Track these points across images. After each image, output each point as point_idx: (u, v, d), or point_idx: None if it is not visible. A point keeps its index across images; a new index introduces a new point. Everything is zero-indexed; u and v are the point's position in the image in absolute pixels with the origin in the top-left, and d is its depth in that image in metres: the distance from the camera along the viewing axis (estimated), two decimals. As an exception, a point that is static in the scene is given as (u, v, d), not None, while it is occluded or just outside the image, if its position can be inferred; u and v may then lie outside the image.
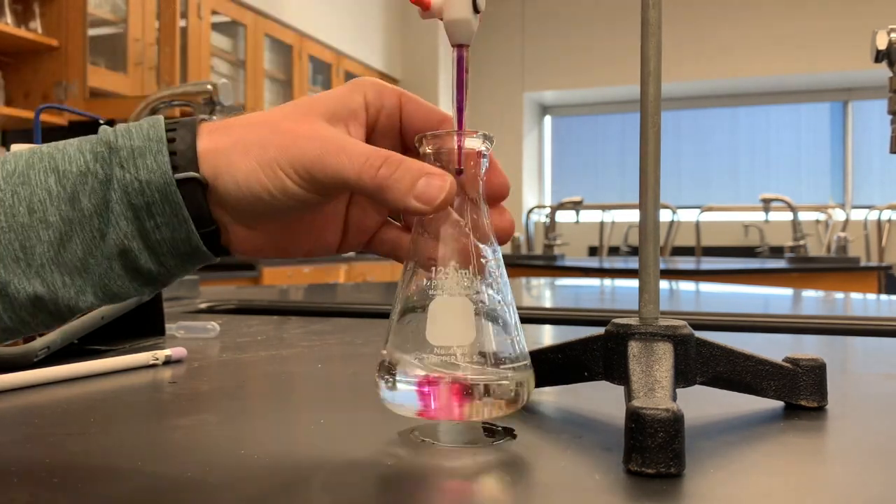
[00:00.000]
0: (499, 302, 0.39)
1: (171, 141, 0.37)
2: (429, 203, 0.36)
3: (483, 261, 0.39)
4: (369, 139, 0.41)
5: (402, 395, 0.37)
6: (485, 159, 0.40)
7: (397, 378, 0.37)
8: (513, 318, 0.39)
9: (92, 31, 3.07)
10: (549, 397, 0.48)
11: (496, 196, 0.41)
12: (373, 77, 0.42)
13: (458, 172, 0.39)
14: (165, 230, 0.37)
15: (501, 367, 0.38)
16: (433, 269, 0.38)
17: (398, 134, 0.43)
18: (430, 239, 0.39)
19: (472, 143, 0.39)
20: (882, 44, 0.81)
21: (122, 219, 0.36)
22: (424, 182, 0.36)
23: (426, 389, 0.37)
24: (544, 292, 1.66)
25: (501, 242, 0.41)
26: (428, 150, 0.39)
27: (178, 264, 0.38)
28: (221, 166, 0.37)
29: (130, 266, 0.37)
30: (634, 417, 0.33)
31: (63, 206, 0.36)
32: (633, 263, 3.03)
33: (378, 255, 0.45)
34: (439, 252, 0.38)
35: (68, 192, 0.36)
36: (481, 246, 0.39)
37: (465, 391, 0.37)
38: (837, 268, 2.90)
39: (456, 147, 0.39)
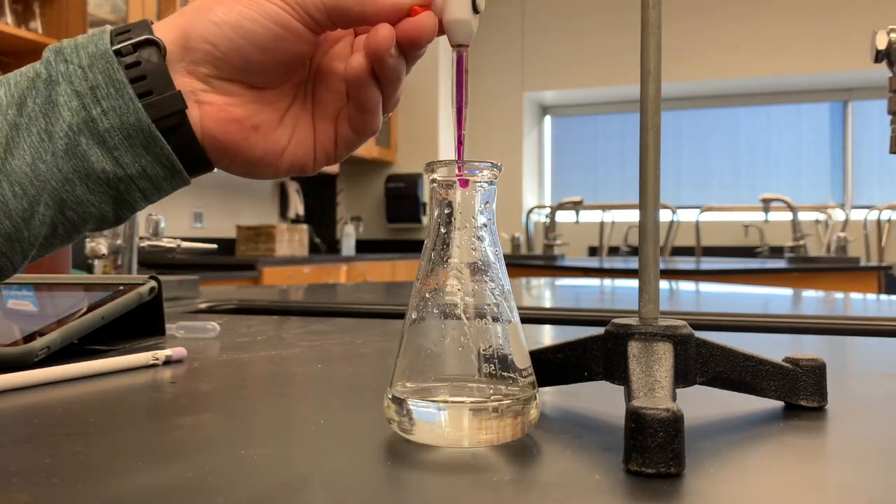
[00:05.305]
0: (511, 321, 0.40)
1: (123, 32, 0.37)
2: None
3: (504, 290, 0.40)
4: None
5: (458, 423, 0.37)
6: (493, 186, 0.40)
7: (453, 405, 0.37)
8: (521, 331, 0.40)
9: (92, 31, 3.07)
10: (549, 397, 0.48)
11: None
12: None
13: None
14: (113, 116, 0.35)
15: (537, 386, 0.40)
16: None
17: None
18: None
19: (478, 173, 0.39)
20: (882, 44, 0.81)
21: (65, 109, 0.35)
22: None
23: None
24: (544, 292, 1.66)
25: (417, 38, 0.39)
26: (436, 178, 0.39)
27: (135, 160, 0.36)
28: (190, 17, 0.36)
29: (82, 168, 0.35)
30: (634, 417, 0.33)
31: (10, 112, 0.35)
32: (633, 263, 3.03)
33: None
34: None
35: (17, 98, 0.35)
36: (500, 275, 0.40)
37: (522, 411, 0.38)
38: (837, 268, 2.90)
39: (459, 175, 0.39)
